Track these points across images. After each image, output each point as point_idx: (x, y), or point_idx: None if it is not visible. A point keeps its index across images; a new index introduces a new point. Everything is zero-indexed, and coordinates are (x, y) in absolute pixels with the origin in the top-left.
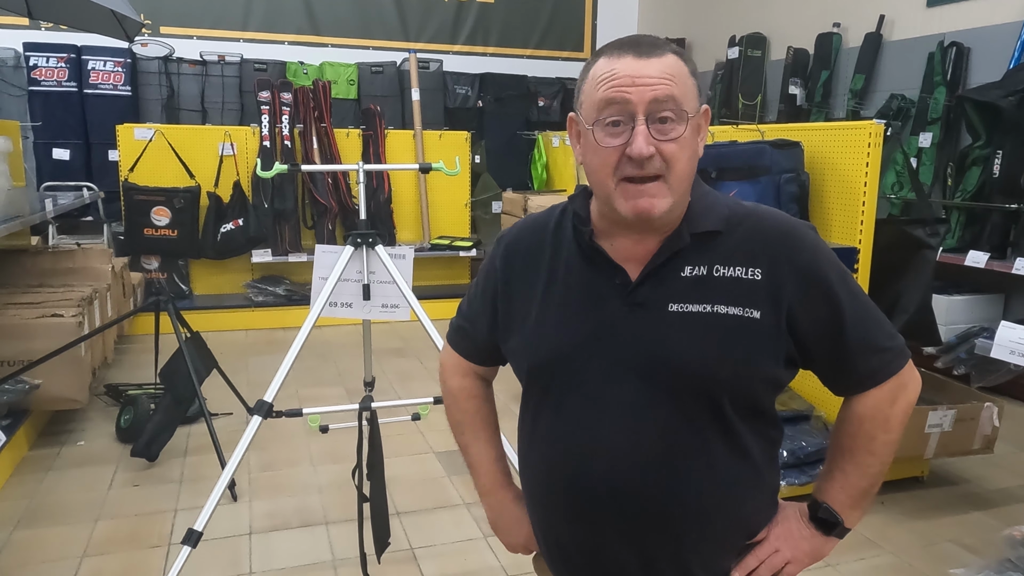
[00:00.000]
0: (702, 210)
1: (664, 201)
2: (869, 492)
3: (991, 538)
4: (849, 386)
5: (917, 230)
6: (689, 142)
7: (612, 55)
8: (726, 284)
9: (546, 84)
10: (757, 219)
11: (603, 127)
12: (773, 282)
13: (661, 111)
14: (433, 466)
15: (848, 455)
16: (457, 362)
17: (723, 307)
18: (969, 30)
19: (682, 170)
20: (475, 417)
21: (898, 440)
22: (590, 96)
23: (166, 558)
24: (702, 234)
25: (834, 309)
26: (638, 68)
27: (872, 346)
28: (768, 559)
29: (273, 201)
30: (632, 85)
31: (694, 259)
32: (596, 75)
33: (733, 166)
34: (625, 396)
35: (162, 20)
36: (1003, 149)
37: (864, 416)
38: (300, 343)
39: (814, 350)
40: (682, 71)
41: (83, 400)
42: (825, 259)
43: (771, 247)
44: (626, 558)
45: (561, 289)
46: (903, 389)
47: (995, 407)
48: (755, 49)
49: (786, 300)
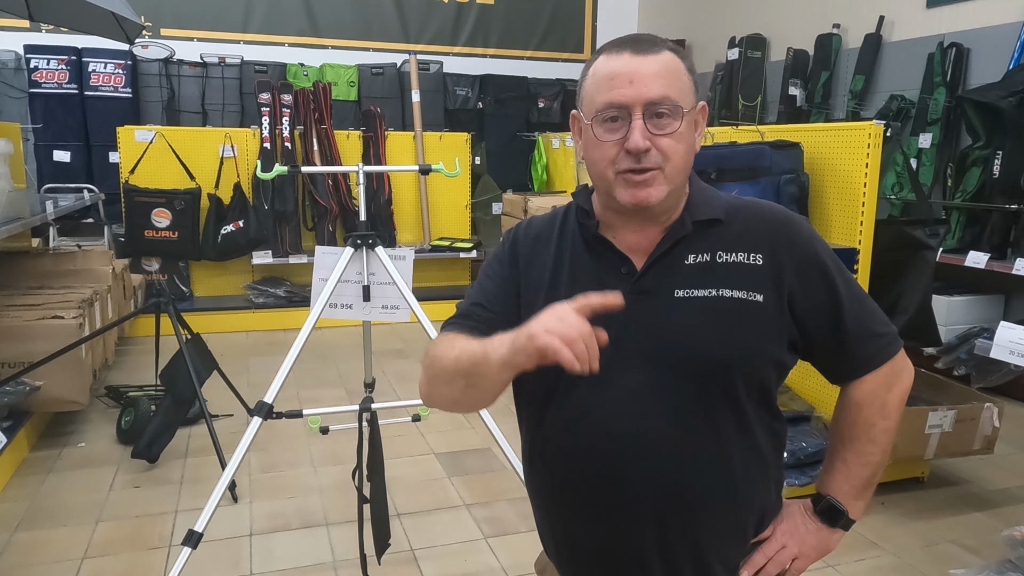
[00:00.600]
0: (702, 201)
1: (660, 189)
2: (871, 482)
3: (991, 539)
4: (847, 372)
5: (917, 231)
6: (685, 136)
7: (611, 53)
8: (729, 269)
9: (546, 85)
10: (756, 208)
11: (602, 122)
12: (774, 267)
13: (657, 107)
14: (433, 467)
15: (848, 444)
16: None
17: (728, 291)
18: (969, 31)
19: (678, 162)
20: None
21: (896, 428)
22: (590, 93)
23: (167, 559)
24: (704, 222)
25: (832, 295)
26: (636, 65)
27: (868, 331)
28: (775, 555)
29: (273, 203)
30: (630, 83)
31: (697, 247)
32: (596, 72)
33: (733, 167)
34: (635, 382)
35: (162, 22)
36: (1003, 150)
37: (862, 403)
38: (300, 344)
39: (814, 335)
40: (678, 68)
41: (84, 402)
42: (821, 247)
43: (771, 234)
44: (643, 550)
45: (567, 280)
46: (898, 375)
47: (995, 408)
48: (755, 50)
49: (787, 284)
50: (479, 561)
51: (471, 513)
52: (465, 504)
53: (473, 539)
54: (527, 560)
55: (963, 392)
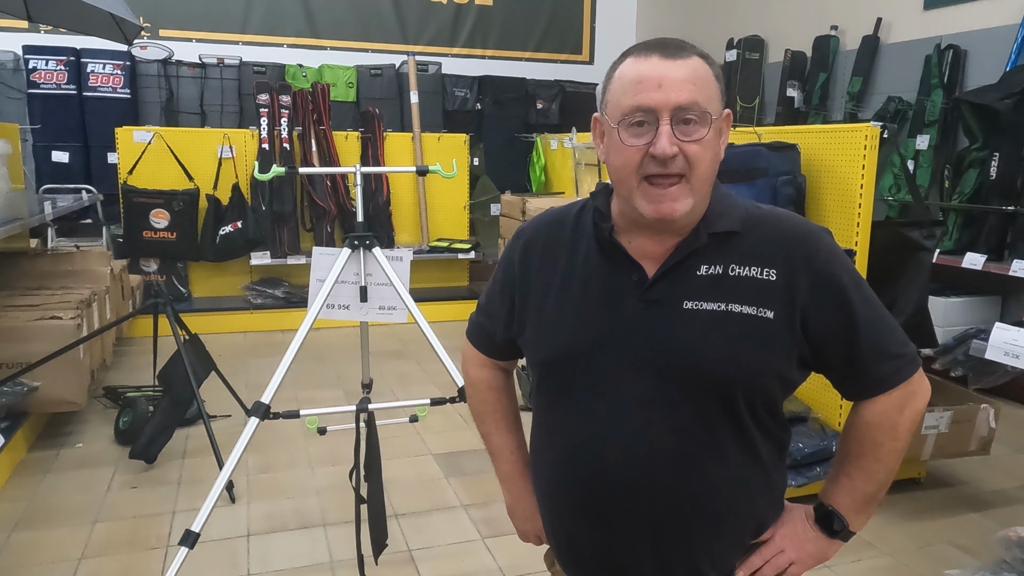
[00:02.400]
0: (720, 211)
1: (685, 203)
2: (875, 497)
3: (987, 539)
4: (859, 391)
5: (914, 232)
6: (711, 144)
7: (639, 56)
8: (741, 283)
9: (544, 87)
10: (775, 221)
11: (628, 127)
12: (788, 283)
13: (685, 113)
14: (431, 468)
15: (855, 461)
16: (476, 354)
17: (737, 306)
18: (966, 33)
19: (704, 171)
20: (495, 407)
21: (905, 448)
22: (616, 96)
23: (164, 560)
24: (719, 234)
25: (847, 313)
26: (665, 69)
27: (884, 352)
28: (773, 559)
29: (272, 204)
30: (659, 87)
31: (711, 258)
32: (623, 75)
33: (729, 168)
34: (638, 391)
35: (161, 23)
36: (1000, 151)
37: (872, 423)
38: (298, 345)
39: (826, 353)
40: (707, 74)
41: (82, 402)
42: (840, 264)
43: (787, 249)
44: (638, 554)
45: (578, 283)
46: (912, 397)
47: (992, 409)
48: (753, 52)
49: (800, 301)
50: (476, 562)
51: (468, 514)
52: (462, 505)
53: (470, 540)
54: (524, 561)
55: (960, 393)
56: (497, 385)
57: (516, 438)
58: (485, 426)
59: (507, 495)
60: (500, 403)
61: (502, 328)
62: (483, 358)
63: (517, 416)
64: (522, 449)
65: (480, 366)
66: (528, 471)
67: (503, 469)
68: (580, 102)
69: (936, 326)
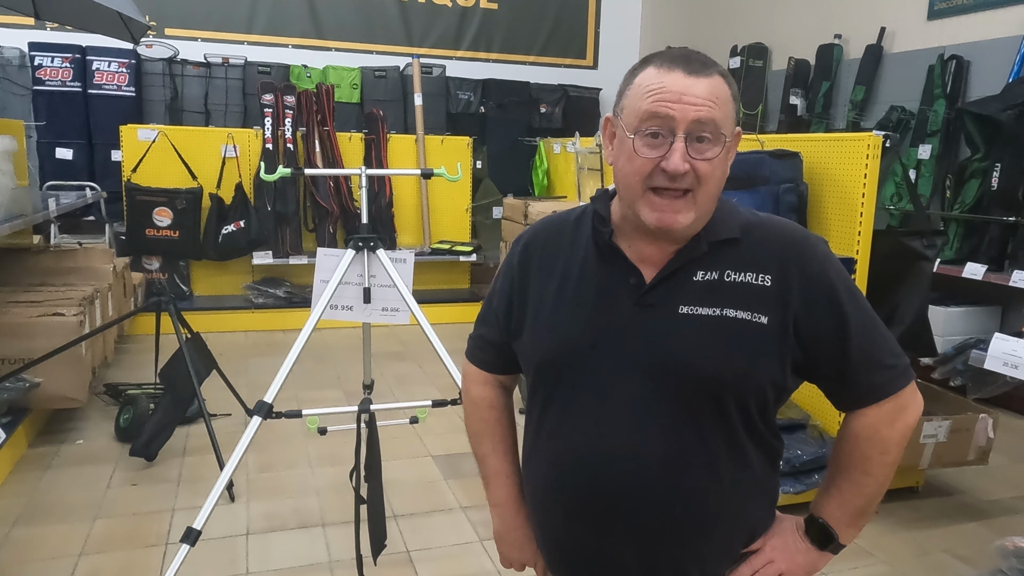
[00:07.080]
0: (720, 219)
1: (688, 216)
2: (866, 510)
3: (984, 549)
4: (850, 400)
5: (914, 242)
6: (721, 163)
7: (662, 67)
8: (736, 289)
9: (548, 91)
10: (770, 227)
11: (643, 137)
12: (782, 289)
13: (701, 130)
14: (431, 469)
15: (845, 474)
16: (477, 371)
17: (732, 311)
18: (969, 43)
19: (711, 188)
20: (494, 428)
21: (896, 462)
22: (634, 104)
23: (163, 557)
24: (718, 242)
25: (840, 321)
26: (686, 85)
27: (876, 361)
28: (762, 569)
29: (275, 203)
30: (678, 101)
31: (707, 264)
32: (643, 84)
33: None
34: (632, 395)
35: (167, 22)
36: (1001, 162)
37: (860, 436)
38: (300, 345)
39: (818, 360)
40: (726, 94)
41: (83, 399)
42: (834, 271)
43: (782, 255)
44: (626, 559)
45: (575, 286)
46: (903, 411)
47: (990, 418)
48: (756, 59)
49: (793, 306)
50: (474, 564)
51: (467, 516)
52: (461, 507)
53: (468, 542)
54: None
55: (958, 403)
56: (498, 404)
57: (512, 464)
58: (482, 447)
59: (498, 521)
60: (500, 423)
61: (500, 332)
62: (484, 375)
63: (515, 442)
64: (517, 474)
65: (481, 383)
66: (521, 496)
67: (497, 495)
68: (583, 106)
69: (936, 335)
